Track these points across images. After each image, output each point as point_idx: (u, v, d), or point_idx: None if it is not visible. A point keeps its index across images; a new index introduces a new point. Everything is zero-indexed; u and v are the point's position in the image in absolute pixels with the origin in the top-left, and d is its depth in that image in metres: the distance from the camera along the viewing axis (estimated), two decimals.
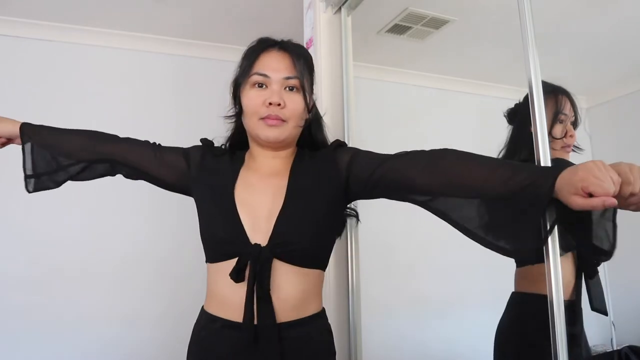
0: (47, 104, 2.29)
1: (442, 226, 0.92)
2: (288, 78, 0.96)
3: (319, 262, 0.97)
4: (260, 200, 0.96)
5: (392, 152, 1.00)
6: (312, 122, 1.07)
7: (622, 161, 0.71)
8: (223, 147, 1.11)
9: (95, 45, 2.41)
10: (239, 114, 1.04)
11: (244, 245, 0.90)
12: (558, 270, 0.90)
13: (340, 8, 1.68)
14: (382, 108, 2.68)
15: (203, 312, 0.98)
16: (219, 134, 1.10)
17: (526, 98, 1.10)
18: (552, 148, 1.15)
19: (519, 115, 1.40)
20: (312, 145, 1.08)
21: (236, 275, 0.88)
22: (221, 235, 0.94)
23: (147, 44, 2.51)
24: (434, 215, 0.93)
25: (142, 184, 1.14)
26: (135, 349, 2.24)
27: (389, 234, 2.64)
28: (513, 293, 1.33)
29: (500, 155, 1.37)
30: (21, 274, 2.16)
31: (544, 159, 0.96)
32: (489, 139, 2.87)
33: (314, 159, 1.03)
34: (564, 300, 0.90)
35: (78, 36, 2.37)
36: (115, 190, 2.39)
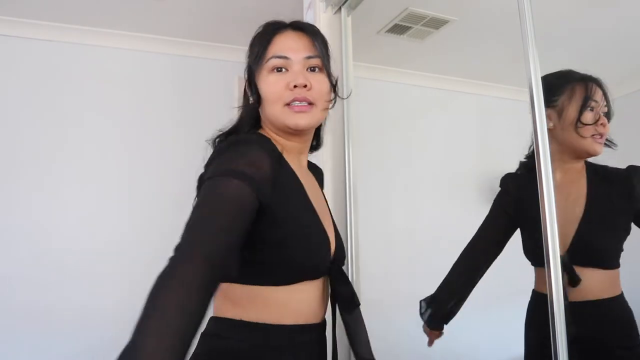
0: (47, 104, 2.29)
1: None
2: (309, 57, 0.87)
3: None
4: (322, 208, 0.91)
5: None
6: None
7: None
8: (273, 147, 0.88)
9: (95, 45, 2.41)
10: (256, 102, 0.90)
11: (328, 263, 0.86)
12: (558, 270, 0.90)
13: (340, 8, 1.68)
14: (382, 108, 2.68)
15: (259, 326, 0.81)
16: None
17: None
18: (581, 136, 1.14)
19: None
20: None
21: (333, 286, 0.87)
22: (314, 259, 0.83)
23: (147, 44, 2.51)
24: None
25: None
26: None
27: (389, 234, 2.64)
28: (532, 291, 1.31)
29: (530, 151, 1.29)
30: (25, 274, 2.15)
31: (544, 159, 0.96)
32: (489, 139, 2.89)
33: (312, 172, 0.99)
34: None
35: (78, 36, 2.37)
36: (121, 190, 2.40)
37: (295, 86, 0.84)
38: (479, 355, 2.54)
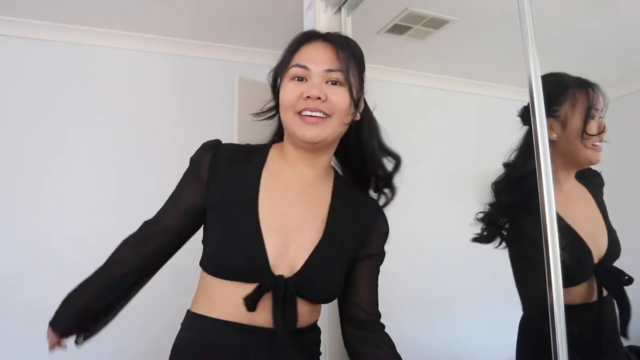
0: (47, 104, 2.29)
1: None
2: (330, 70, 0.85)
3: (333, 299, 0.91)
4: (290, 220, 0.85)
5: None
6: (362, 125, 0.95)
7: None
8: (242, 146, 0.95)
9: (95, 45, 2.41)
10: (276, 107, 0.92)
11: (265, 275, 0.80)
12: (558, 270, 0.90)
13: (340, 8, 1.68)
14: (382, 108, 2.67)
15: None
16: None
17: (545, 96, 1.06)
18: (585, 146, 1.10)
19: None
20: (357, 151, 0.95)
21: (251, 305, 0.79)
22: (239, 264, 0.82)
23: (147, 44, 2.51)
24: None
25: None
26: (150, 348, 2.23)
27: (389, 234, 2.63)
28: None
29: (511, 159, 1.26)
30: (25, 274, 2.15)
31: (544, 159, 0.96)
32: (489, 139, 2.88)
33: (353, 199, 0.93)
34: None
35: (78, 36, 2.37)
36: (120, 190, 2.40)
37: (308, 97, 0.83)
38: (480, 355, 2.54)
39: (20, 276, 2.14)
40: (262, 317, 0.80)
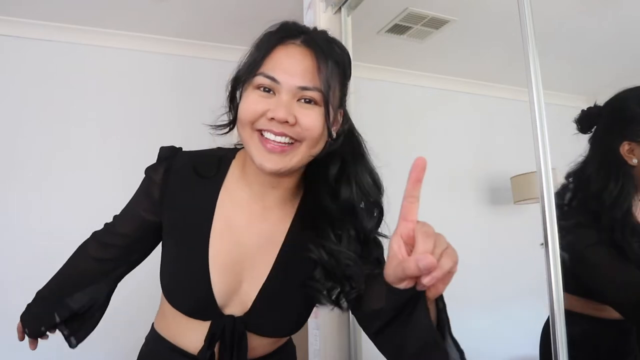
0: (47, 104, 2.29)
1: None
2: (304, 89, 0.68)
3: (297, 330, 0.82)
4: (245, 252, 0.75)
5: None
6: (346, 149, 0.76)
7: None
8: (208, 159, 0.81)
9: (95, 45, 2.41)
10: (233, 121, 0.76)
11: (214, 315, 0.74)
12: (558, 271, 0.90)
13: (340, 8, 1.68)
14: (382, 108, 2.68)
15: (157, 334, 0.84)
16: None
17: (608, 102, 0.99)
18: None
19: (602, 122, 1.08)
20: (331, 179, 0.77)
21: (207, 356, 0.73)
22: (187, 304, 0.75)
23: (147, 44, 2.51)
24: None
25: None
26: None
27: (389, 233, 2.63)
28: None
29: (583, 171, 1.08)
30: (24, 274, 2.15)
31: (544, 159, 0.96)
32: (489, 139, 2.88)
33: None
34: None
35: (78, 36, 2.37)
36: (120, 190, 2.39)
37: (272, 118, 0.67)
38: (480, 355, 2.54)
39: (20, 277, 2.14)
40: (216, 349, 0.75)
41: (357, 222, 0.74)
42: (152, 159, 0.89)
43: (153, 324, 0.87)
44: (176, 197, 0.77)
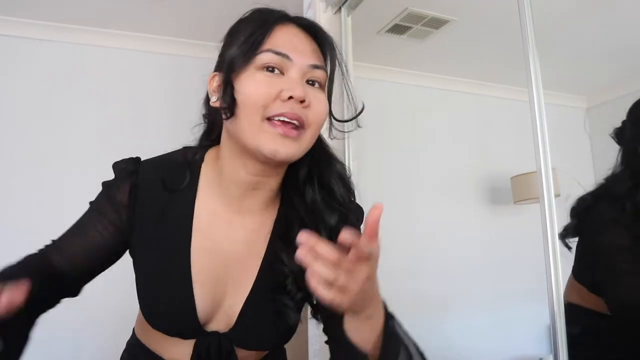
0: (46, 104, 2.29)
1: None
2: (315, 67, 0.64)
3: (287, 342, 0.77)
4: (227, 264, 0.69)
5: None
6: (315, 149, 0.70)
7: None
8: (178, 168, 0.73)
9: (96, 45, 2.41)
10: (229, 108, 0.63)
11: (197, 333, 0.68)
12: (558, 271, 0.90)
13: (340, 8, 1.68)
14: (382, 108, 2.68)
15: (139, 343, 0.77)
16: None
17: (631, 111, 1.01)
18: None
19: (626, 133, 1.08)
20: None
21: None
22: (168, 325, 0.69)
23: (145, 44, 2.51)
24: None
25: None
26: None
27: (389, 233, 2.63)
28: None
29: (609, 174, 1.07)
30: None
31: (545, 161, 0.96)
32: (489, 139, 2.89)
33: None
34: None
35: (77, 36, 2.37)
36: None
37: (290, 97, 0.60)
38: (480, 354, 2.54)
39: None
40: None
41: (327, 225, 0.68)
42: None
43: (134, 329, 0.82)
44: (147, 217, 0.69)
